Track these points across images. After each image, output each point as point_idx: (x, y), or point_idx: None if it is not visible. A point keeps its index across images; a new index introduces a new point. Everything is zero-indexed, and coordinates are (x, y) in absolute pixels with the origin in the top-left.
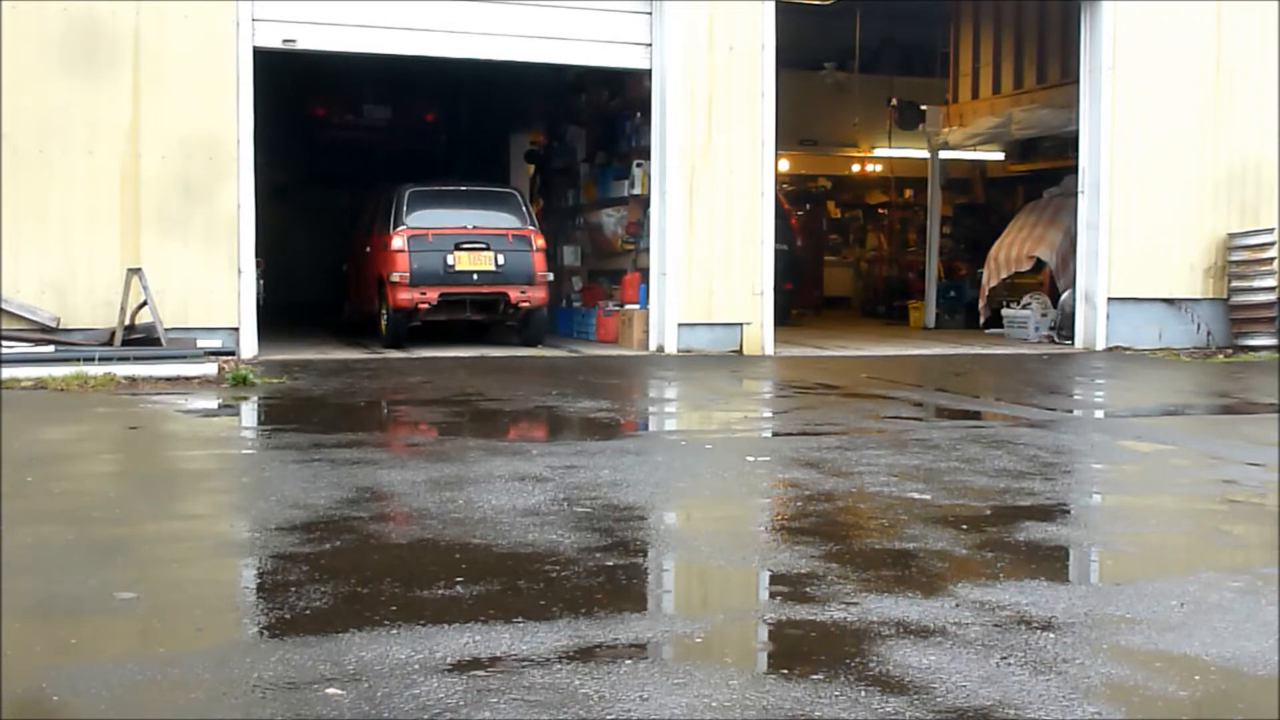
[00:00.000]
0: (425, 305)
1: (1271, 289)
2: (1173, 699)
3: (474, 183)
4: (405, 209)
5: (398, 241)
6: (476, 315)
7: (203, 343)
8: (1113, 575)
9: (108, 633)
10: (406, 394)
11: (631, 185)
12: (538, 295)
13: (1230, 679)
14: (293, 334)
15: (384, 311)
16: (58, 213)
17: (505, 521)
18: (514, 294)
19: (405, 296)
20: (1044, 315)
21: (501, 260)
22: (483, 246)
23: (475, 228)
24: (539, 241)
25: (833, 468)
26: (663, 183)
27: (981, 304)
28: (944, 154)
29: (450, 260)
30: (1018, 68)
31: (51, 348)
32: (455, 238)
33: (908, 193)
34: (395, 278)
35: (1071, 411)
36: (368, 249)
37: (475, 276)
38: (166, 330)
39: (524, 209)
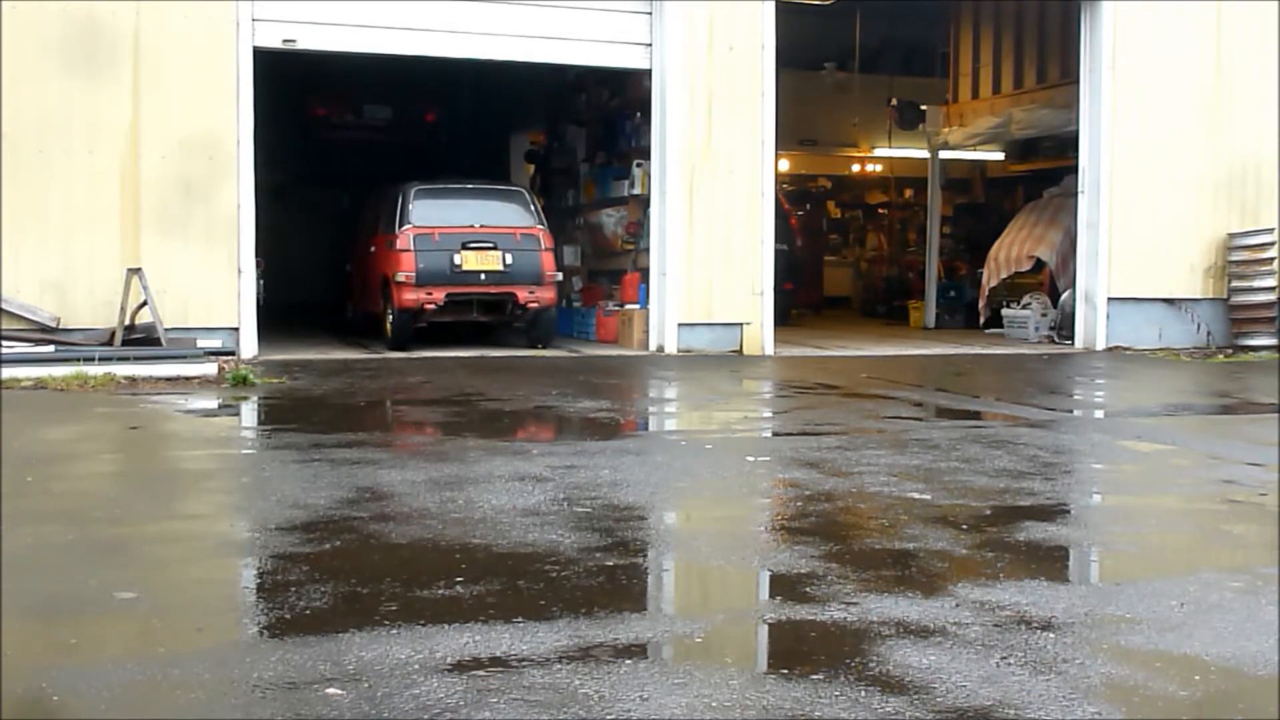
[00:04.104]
0: (432, 306)
1: (1271, 289)
2: (1173, 699)
3: (481, 181)
4: (411, 207)
5: (403, 240)
6: (483, 316)
7: (203, 343)
8: (1113, 575)
9: (108, 633)
10: (407, 394)
11: (631, 185)
12: (546, 295)
13: (1230, 679)
14: (293, 334)
15: (389, 312)
16: (58, 213)
17: (505, 521)
18: (522, 294)
19: (411, 297)
20: (1044, 315)
21: (509, 260)
22: (490, 246)
23: (482, 226)
24: (548, 240)
25: (833, 468)
26: (663, 183)
27: (981, 304)
28: (944, 154)
29: (457, 260)
30: (1018, 68)
31: (51, 348)
32: (462, 237)
33: (908, 193)
34: (401, 278)
35: (1071, 411)
36: (372, 249)
37: (483, 276)
38: (166, 330)
39: (532, 207)
